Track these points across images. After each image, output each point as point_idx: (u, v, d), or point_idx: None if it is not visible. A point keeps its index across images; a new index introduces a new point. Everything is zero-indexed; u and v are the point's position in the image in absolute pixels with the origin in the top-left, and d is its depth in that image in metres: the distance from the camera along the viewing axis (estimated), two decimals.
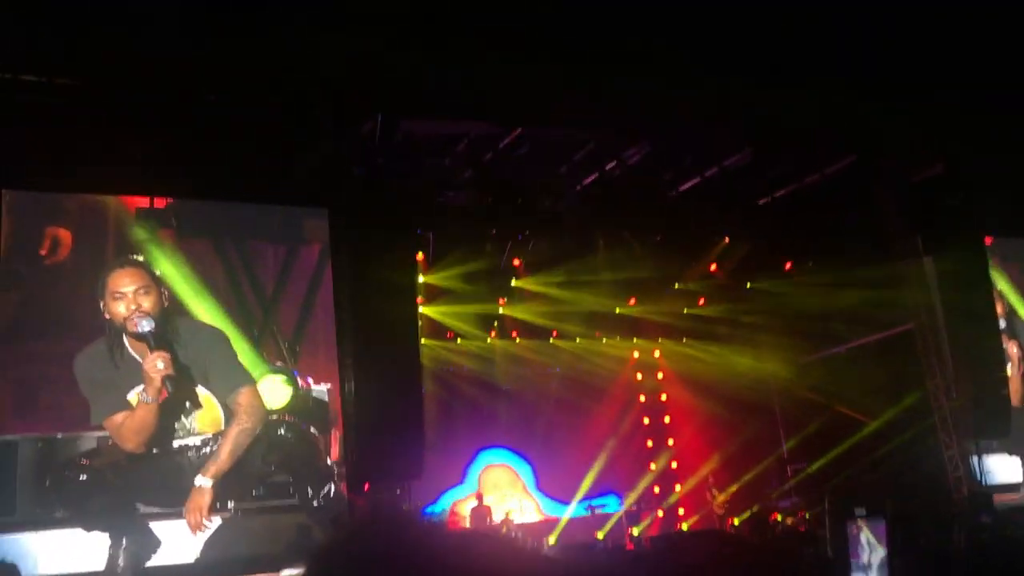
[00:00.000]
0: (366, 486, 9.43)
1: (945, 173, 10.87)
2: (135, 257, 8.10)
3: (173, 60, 7.74)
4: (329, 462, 8.79)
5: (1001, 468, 11.38)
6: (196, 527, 7.59)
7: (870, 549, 6.81)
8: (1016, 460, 11.51)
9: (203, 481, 7.64)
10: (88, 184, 8.88)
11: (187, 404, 7.91)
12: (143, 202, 9.23)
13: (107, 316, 7.49)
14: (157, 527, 8.00)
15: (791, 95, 8.84)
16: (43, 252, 9.16)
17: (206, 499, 7.66)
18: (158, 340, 7.30)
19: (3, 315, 8.45)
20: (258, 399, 8.22)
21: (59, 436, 8.38)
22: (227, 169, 8.97)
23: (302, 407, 8.77)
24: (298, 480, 8.22)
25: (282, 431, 8.06)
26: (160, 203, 9.28)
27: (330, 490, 8.35)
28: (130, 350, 7.53)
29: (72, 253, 9.09)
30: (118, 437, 7.78)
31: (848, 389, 12.85)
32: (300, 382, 8.86)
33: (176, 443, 8.24)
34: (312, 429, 8.68)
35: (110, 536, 7.73)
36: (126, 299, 7.37)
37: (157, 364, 7.20)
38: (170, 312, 7.86)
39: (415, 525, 1.00)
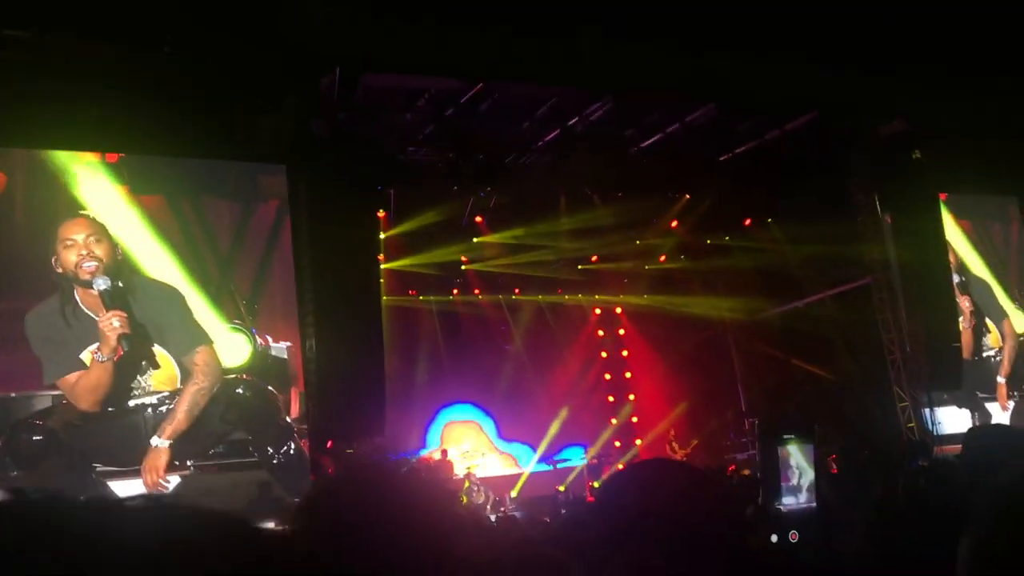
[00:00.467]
0: (329, 443, 9.45)
1: (904, 130, 10.98)
2: (85, 211, 7.96)
3: (131, 10, 7.51)
4: (288, 420, 8.77)
5: (951, 420, 11.68)
6: (153, 486, 7.59)
7: (799, 472, 6.95)
8: (966, 412, 11.82)
9: (159, 442, 7.60)
10: (43, 140, 8.64)
11: (143, 363, 7.83)
12: (93, 156, 9.00)
13: (59, 270, 7.37)
14: (115, 486, 7.96)
15: (755, 57, 8.83)
16: None
17: (163, 459, 7.64)
18: (113, 298, 7.21)
19: None
20: (215, 358, 8.18)
21: (12, 395, 8.22)
22: (184, 125, 8.77)
23: (260, 365, 8.71)
24: (257, 438, 8.21)
25: (240, 390, 8.03)
26: (112, 158, 9.06)
27: (290, 447, 8.34)
28: (83, 307, 7.43)
29: (18, 205, 8.78)
30: (72, 396, 7.71)
31: (806, 343, 13.08)
32: (259, 340, 8.80)
33: (132, 402, 8.18)
34: (270, 387, 8.65)
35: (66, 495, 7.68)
36: (77, 246, 7.27)
37: (113, 322, 7.14)
38: (123, 267, 7.75)
39: (380, 480, 1.04)
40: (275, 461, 8.20)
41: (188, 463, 8.28)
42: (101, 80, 8.11)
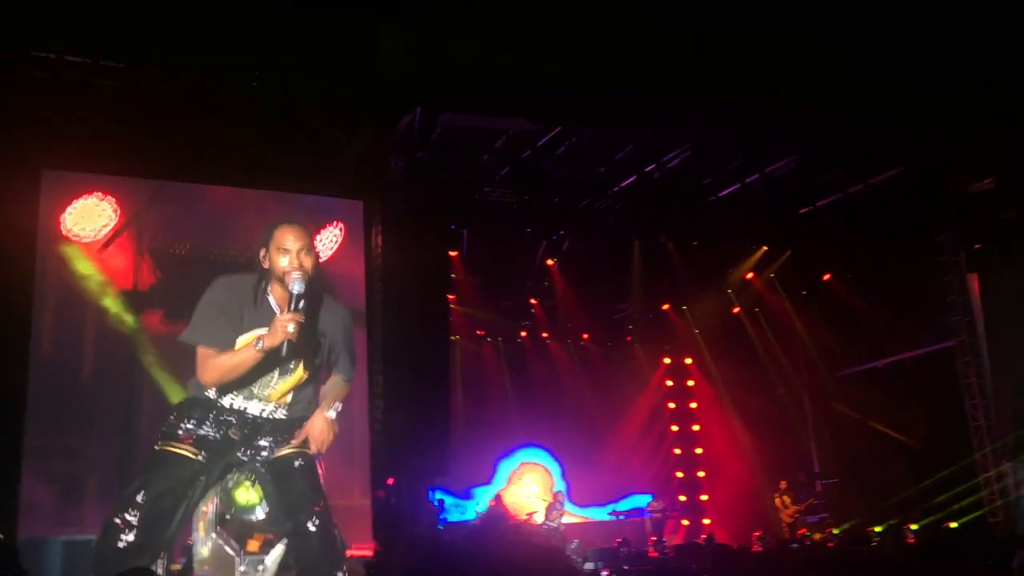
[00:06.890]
0: (389, 480, 9.41)
1: (996, 188, 10.60)
2: (295, 222, 8.16)
3: (219, 43, 7.69)
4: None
5: None
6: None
7: None
8: None
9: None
10: (124, 167, 8.90)
11: (277, 373, 7.91)
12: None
13: (266, 265, 7.58)
14: None
15: (841, 106, 8.64)
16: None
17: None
18: (299, 304, 7.44)
19: None
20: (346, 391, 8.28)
21: None
22: (262, 158, 8.94)
23: None
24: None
25: None
26: None
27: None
28: (271, 297, 7.69)
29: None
30: (201, 368, 7.84)
31: (884, 405, 12.56)
32: None
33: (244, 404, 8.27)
34: None
35: None
36: (291, 255, 7.55)
37: (289, 327, 7.32)
38: (317, 282, 7.87)
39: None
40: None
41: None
42: (184, 111, 8.30)
